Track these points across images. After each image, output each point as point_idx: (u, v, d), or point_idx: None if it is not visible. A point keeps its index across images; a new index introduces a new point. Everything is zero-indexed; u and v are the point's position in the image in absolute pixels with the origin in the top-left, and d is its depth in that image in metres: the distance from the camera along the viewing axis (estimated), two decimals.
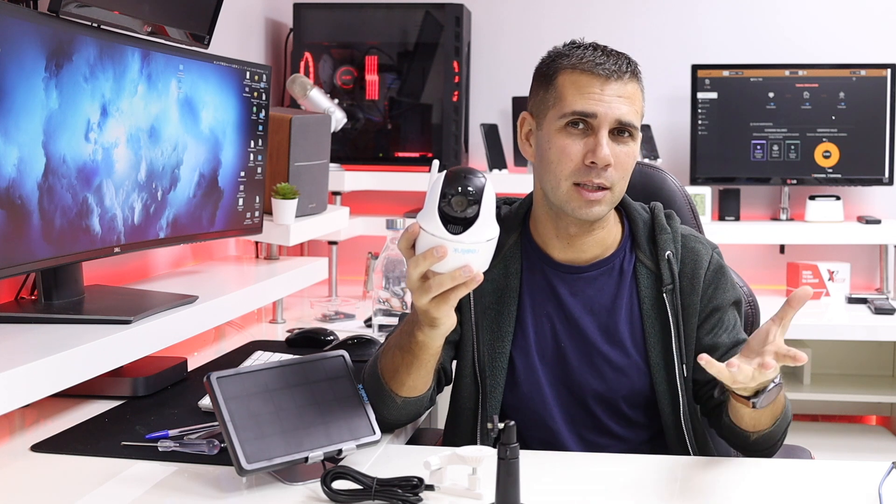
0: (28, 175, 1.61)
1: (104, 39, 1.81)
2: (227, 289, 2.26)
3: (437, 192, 1.38)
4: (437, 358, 1.57)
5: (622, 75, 1.62)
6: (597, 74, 1.61)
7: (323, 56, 3.46)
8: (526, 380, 1.72)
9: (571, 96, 1.62)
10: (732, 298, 1.74)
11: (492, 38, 3.65)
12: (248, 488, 1.42)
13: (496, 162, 3.43)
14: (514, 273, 1.73)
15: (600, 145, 1.60)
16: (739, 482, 1.53)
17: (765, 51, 3.57)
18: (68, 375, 1.59)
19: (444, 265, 1.38)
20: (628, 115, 1.62)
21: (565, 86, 1.63)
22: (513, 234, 1.74)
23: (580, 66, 1.62)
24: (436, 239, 1.37)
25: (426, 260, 1.38)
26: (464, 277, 1.38)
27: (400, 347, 1.55)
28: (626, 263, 1.73)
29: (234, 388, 1.41)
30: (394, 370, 1.57)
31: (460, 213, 1.37)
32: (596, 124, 1.61)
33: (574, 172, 1.62)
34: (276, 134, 2.51)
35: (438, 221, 1.37)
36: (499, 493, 1.31)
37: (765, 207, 3.62)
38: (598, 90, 1.61)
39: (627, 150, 1.63)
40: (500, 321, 1.71)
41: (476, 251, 1.38)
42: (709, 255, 1.74)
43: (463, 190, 1.36)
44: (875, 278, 3.58)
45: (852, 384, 3.40)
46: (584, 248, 1.72)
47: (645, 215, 1.76)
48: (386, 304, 2.51)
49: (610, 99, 1.61)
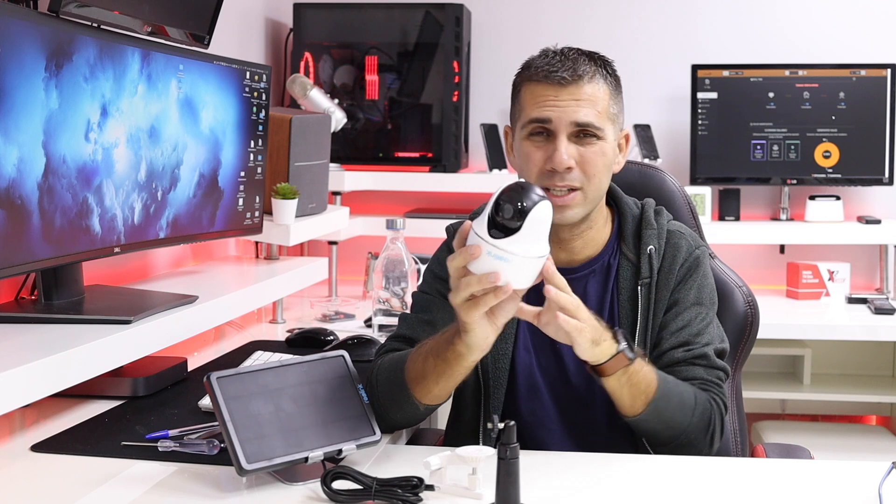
0: (28, 175, 1.61)
1: (104, 39, 1.81)
2: (227, 289, 2.26)
3: (492, 200, 1.41)
4: (467, 373, 1.56)
5: (578, 80, 1.65)
6: (551, 82, 1.66)
7: (323, 56, 3.46)
8: (525, 382, 1.74)
9: (529, 106, 1.68)
10: (695, 299, 1.72)
11: (492, 38, 3.65)
12: (248, 488, 1.42)
13: (496, 162, 3.43)
14: None
15: (557, 150, 1.64)
16: (739, 482, 1.53)
17: (765, 51, 3.57)
18: (68, 375, 1.59)
19: (476, 265, 1.40)
20: (586, 116, 1.65)
21: (525, 97, 1.69)
22: None
23: (535, 77, 1.68)
24: (475, 238, 1.40)
25: (461, 255, 1.40)
26: (490, 283, 1.39)
27: (435, 354, 1.54)
28: (613, 259, 1.75)
29: (234, 388, 1.41)
30: (422, 376, 1.56)
31: (505, 222, 1.38)
32: (553, 129, 1.66)
33: (539, 178, 1.66)
34: (276, 134, 2.51)
35: (485, 224, 1.40)
36: (499, 493, 1.32)
37: (765, 207, 3.62)
38: (553, 96, 1.66)
39: (594, 150, 1.66)
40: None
41: (509, 261, 1.39)
42: (688, 252, 1.74)
43: (514, 200, 1.38)
44: (875, 278, 3.58)
45: (852, 384, 3.40)
46: (576, 251, 1.74)
47: (635, 210, 1.77)
48: (386, 304, 2.51)
49: (565, 104, 1.65)
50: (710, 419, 1.65)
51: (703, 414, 1.64)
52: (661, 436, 1.63)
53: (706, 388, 1.67)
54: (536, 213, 1.39)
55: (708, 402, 1.66)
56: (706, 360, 1.69)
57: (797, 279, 3.40)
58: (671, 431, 1.63)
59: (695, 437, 1.64)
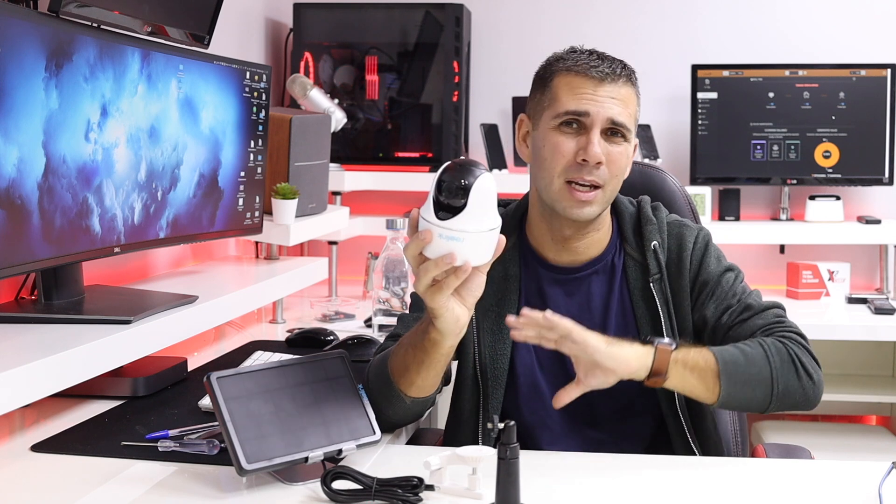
0: (28, 175, 1.61)
1: (104, 39, 1.81)
2: (227, 289, 2.26)
3: (436, 179, 1.41)
4: (447, 360, 1.57)
5: (616, 78, 1.66)
6: (590, 76, 1.65)
7: (323, 56, 3.46)
8: (526, 381, 1.73)
9: (565, 96, 1.66)
10: (720, 269, 1.74)
11: (492, 38, 3.65)
12: (248, 488, 1.42)
13: (496, 162, 3.43)
14: (514, 276, 1.75)
15: (592, 143, 1.63)
16: (739, 482, 1.53)
17: (765, 51, 3.57)
18: (68, 375, 1.59)
19: (431, 250, 1.40)
20: (620, 115, 1.65)
21: (560, 87, 1.67)
22: (511, 237, 1.75)
23: (575, 69, 1.67)
24: (424, 223, 1.41)
25: (413, 242, 1.41)
26: (447, 264, 1.40)
27: (413, 345, 1.55)
28: (616, 259, 1.75)
29: (234, 388, 1.41)
30: (404, 368, 1.57)
31: (450, 202, 1.39)
32: (588, 123, 1.64)
33: (566, 169, 1.65)
34: (276, 134, 2.51)
35: (431, 207, 1.40)
36: (499, 493, 1.31)
37: (765, 207, 3.62)
38: (592, 91, 1.65)
39: (620, 150, 1.67)
40: (500, 323, 1.71)
41: (461, 240, 1.39)
42: (694, 237, 1.75)
43: (455, 179, 1.39)
44: (875, 278, 3.58)
45: (852, 384, 3.40)
46: (578, 251, 1.74)
47: (631, 209, 1.78)
48: (386, 304, 2.51)
49: (603, 99, 1.65)
50: (792, 355, 1.61)
51: (781, 355, 1.61)
52: (759, 398, 1.59)
53: (769, 331, 1.66)
54: (479, 186, 1.39)
55: (779, 342, 1.62)
56: (753, 309, 1.69)
57: (797, 279, 3.40)
58: (763, 388, 1.59)
59: (788, 380, 1.60)
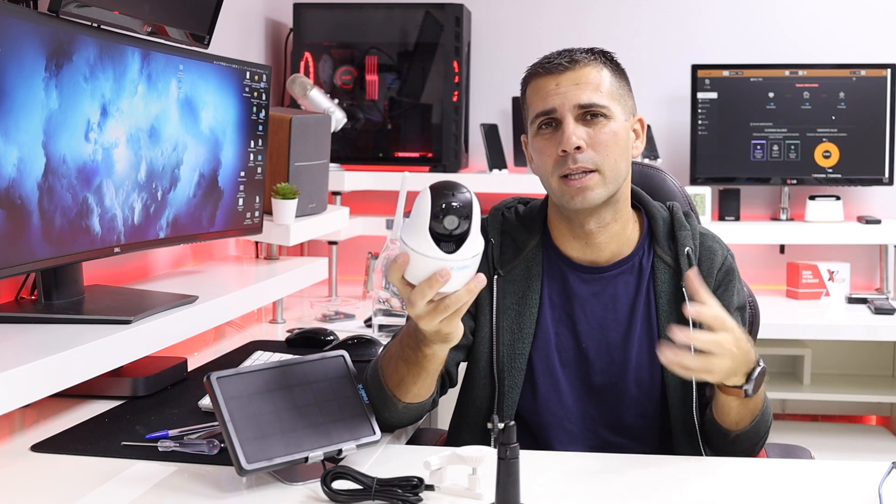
0: (28, 175, 1.61)
1: (104, 39, 1.81)
2: (227, 289, 2.26)
3: (425, 212, 1.34)
4: (442, 364, 1.57)
5: (575, 65, 1.67)
6: (551, 73, 1.68)
7: (323, 56, 3.46)
8: (545, 381, 1.72)
9: (534, 101, 1.69)
10: (738, 303, 1.76)
11: (492, 38, 3.65)
12: (248, 488, 1.42)
13: (496, 162, 3.43)
14: (536, 275, 1.74)
15: (564, 132, 1.64)
16: (739, 482, 1.53)
17: (765, 51, 3.57)
18: (68, 375, 1.59)
19: (451, 285, 1.37)
20: (589, 97, 1.65)
21: (530, 94, 1.71)
22: (534, 237, 1.75)
23: (538, 72, 1.70)
24: (431, 261, 1.34)
25: (431, 287, 1.37)
26: (479, 288, 1.40)
27: (405, 360, 1.54)
28: (645, 261, 1.74)
29: (234, 388, 1.41)
30: (399, 380, 1.56)
31: (455, 231, 1.34)
32: (559, 117, 1.66)
33: (555, 167, 1.66)
34: (276, 134, 2.51)
35: (431, 242, 1.34)
36: (499, 493, 1.31)
37: (765, 207, 3.62)
38: (554, 86, 1.67)
39: (604, 129, 1.66)
40: (521, 322, 1.72)
41: (470, 266, 1.37)
42: (723, 256, 1.76)
43: (453, 207, 1.34)
44: (875, 278, 3.58)
45: (852, 384, 3.40)
46: (601, 246, 1.72)
47: (664, 213, 1.78)
48: (386, 304, 2.51)
49: (565, 90, 1.66)
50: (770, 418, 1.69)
51: (770, 413, 1.68)
52: (747, 443, 1.66)
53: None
54: (475, 208, 1.36)
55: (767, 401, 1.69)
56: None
57: (797, 279, 3.40)
58: (756, 438, 1.66)
59: (764, 436, 1.68)
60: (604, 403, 1.72)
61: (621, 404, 1.71)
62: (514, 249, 1.74)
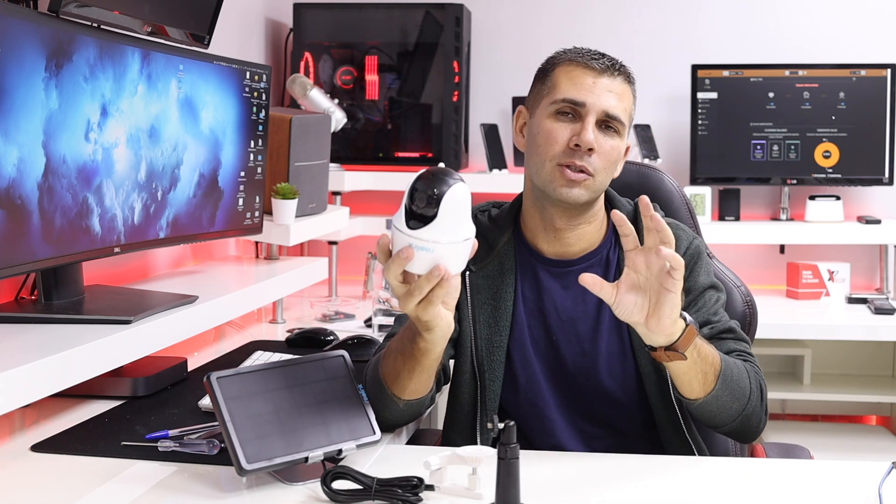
0: (28, 175, 1.61)
1: (104, 39, 1.81)
2: (227, 289, 2.26)
3: (409, 189, 1.41)
4: (439, 361, 1.59)
5: (615, 73, 1.70)
6: (591, 67, 1.69)
7: (323, 56, 3.46)
8: (523, 373, 1.75)
9: (565, 84, 1.69)
10: (707, 283, 1.75)
11: (492, 38, 3.65)
12: (248, 488, 1.42)
13: (496, 162, 3.43)
14: (510, 269, 1.76)
15: (585, 130, 1.66)
16: (739, 482, 1.53)
17: (765, 51, 3.57)
18: (68, 375, 1.59)
19: (414, 265, 1.39)
20: (616, 108, 1.68)
21: (560, 76, 1.71)
22: (506, 232, 1.78)
23: (576, 60, 1.71)
24: (398, 234, 1.40)
25: (396, 262, 1.41)
26: (437, 277, 1.41)
27: (402, 353, 1.56)
28: (612, 254, 1.77)
29: (234, 388, 1.41)
30: (395, 375, 1.58)
31: (421, 211, 1.38)
32: (584, 112, 1.67)
33: (559, 154, 1.68)
34: (276, 134, 2.51)
35: (402, 217, 1.39)
36: (499, 493, 1.31)
37: (765, 207, 3.62)
38: (590, 82, 1.68)
39: (612, 143, 1.69)
40: (496, 316, 1.74)
41: (431, 250, 1.39)
42: (688, 241, 1.77)
43: (427, 189, 1.38)
44: (875, 278, 3.58)
45: (852, 384, 3.40)
46: (570, 242, 1.75)
47: (629, 208, 1.79)
48: (386, 304, 2.51)
49: (600, 91, 1.68)
50: (762, 387, 1.68)
51: (757, 381, 1.67)
52: (730, 410, 1.62)
53: (743, 357, 1.69)
54: (451, 196, 1.38)
55: (754, 371, 1.68)
56: (734, 333, 1.73)
57: (797, 279, 3.40)
58: (738, 402, 1.62)
59: (755, 406, 1.65)
60: (579, 394, 1.74)
61: (596, 395, 1.73)
62: (486, 247, 1.76)
